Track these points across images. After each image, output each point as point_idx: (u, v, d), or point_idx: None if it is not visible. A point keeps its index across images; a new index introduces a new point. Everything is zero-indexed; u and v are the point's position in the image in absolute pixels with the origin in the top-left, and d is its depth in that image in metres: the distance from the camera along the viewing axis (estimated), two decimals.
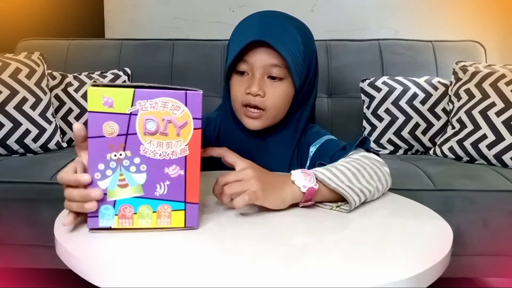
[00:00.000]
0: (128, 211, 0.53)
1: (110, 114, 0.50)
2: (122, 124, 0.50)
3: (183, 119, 0.52)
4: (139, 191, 0.52)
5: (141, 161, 0.52)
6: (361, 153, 0.75)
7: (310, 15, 2.07)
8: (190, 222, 0.55)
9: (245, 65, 0.83)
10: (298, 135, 0.90)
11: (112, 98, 0.50)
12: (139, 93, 0.50)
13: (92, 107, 0.50)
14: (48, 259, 1.22)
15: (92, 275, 0.46)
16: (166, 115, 0.51)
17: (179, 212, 0.54)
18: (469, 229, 1.18)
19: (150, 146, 0.52)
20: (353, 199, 0.65)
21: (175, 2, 2.12)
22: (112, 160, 0.51)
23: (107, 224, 0.53)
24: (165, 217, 0.54)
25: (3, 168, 1.26)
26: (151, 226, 0.54)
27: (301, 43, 0.82)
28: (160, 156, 0.52)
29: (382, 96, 1.55)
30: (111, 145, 0.51)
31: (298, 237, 0.56)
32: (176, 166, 0.53)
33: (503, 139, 1.33)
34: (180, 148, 0.52)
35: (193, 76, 1.74)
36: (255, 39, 0.79)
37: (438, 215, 0.67)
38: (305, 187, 0.64)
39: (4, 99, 1.38)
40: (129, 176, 0.52)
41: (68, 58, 1.77)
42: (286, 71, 0.82)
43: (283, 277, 0.44)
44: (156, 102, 0.51)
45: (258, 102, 0.82)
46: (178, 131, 0.52)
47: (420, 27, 2.03)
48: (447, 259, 0.52)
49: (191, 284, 0.42)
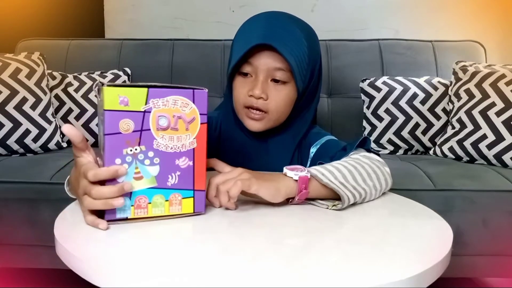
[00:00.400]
0: (143, 202, 0.57)
1: (126, 112, 0.54)
2: (137, 121, 0.54)
3: (191, 115, 0.57)
4: (153, 182, 0.57)
5: (155, 155, 0.56)
6: (362, 153, 0.75)
7: (310, 15, 2.07)
8: (198, 208, 0.59)
9: (249, 67, 0.82)
10: (300, 137, 0.90)
11: (128, 97, 0.53)
12: (152, 92, 0.54)
13: (108, 105, 0.53)
14: (48, 259, 1.22)
15: (92, 275, 0.46)
16: (177, 112, 0.56)
17: (188, 199, 0.59)
18: (469, 229, 1.18)
19: (162, 140, 0.56)
20: (346, 195, 0.65)
21: (175, 2, 2.12)
22: (128, 155, 0.55)
23: (124, 215, 0.56)
24: (176, 204, 0.58)
25: (3, 168, 1.26)
26: (164, 213, 0.58)
27: (306, 46, 0.82)
28: (171, 149, 0.57)
29: (382, 96, 1.55)
30: (127, 141, 0.54)
31: (298, 237, 0.56)
32: (186, 158, 0.57)
33: (503, 139, 1.33)
34: (189, 141, 0.57)
35: (193, 76, 1.74)
36: (260, 43, 0.78)
37: (438, 215, 0.67)
38: (296, 175, 0.64)
39: (4, 99, 1.38)
40: (144, 169, 0.56)
41: (68, 58, 1.77)
42: (290, 74, 0.81)
43: (283, 277, 0.44)
44: (168, 100, 0.55)
45: (261, 105, 0.82)
46: (187, 126, 0.57)
47: (420, 27, 2.03)
48: (447, 259, 0.52)
49: (191, 284, 0.42)
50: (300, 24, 0.85)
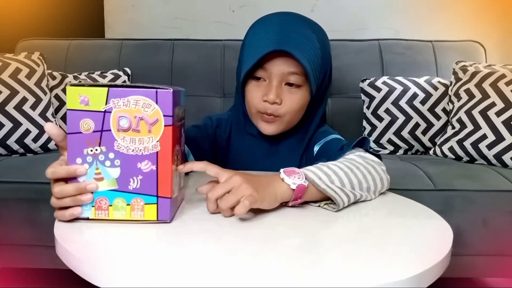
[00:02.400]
0: (104, 203, 0.56)
1: (86, 111, 0.53)
2: (97, 121, 0.54)
3: (154, 117, 0.54)
4: (114, 184, 0.55)
5: (115, 156, 0.55)
6: (357, 152, 0.75)
7: (310, 15, 2.04)
8: (162, 216, 0.57)
9: (262, 71, 0.82)
10: (309, 137, 0.90)
11: (88, 97, 0.53)
12: (113, 92, 0.53)
13: (70, 105, 0.53)
14: (48, 259, 1.22)
15: (92, 275, 0.46)
16: (138, 113, 0.54)
17: (151, 206, 0.56)
18: (469, 229, 1.18)
19: (123, 142, 0.54)
20: (342, 201, 0.65)
21: (175, 2, 2.12)
22: (88, 155, 0.54)
23: (85, 215, 0.56)
24: (138, 210, 0.56)
25: (3, 168, 1.26)
26: (125, 218, 0.56)
27: (319, 49, 0.82)
28: (133, 152, 0.55)
29: (382, 96, 1.55)
30: (88, 141, 0.54)
31: (298, 237, 0.56)
32: (148, 162, 0.55)
33: (503, 139, 1.33)
34: (151, 144, 0.55)
35: (193, 76, 1.74)
36: (275, 49, 0.77)
37: (438, 215, 0.67)
38: (294, 184, 0.63)
39: (4, 99, 1.38)
40: (104, 170, 0.55)
41: (68, 58, 1.77)
42: (303, 78, 0.81)
43: (283, 277, 0.44)
44: (129, 100, 0.53)
45: (274, 110, 0.82)
46: (150, 128, 0.54)
47: (420, 27, 2.03)
48: (447, 259, 0.52)
49: (191, 284, 0.42)
50: (312, 26, 0.84)
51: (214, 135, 0.93)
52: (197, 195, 0.68)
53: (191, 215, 0.61)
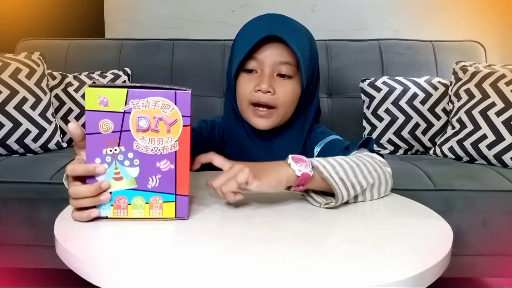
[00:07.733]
0: (122, 202, 0.57)
1: (105, 112, 0.54)
2: (117, 122, 0.55)
3: (173, 117, 0.55)
4: (133, 183, 0.56)
5: (134, 156, 0.56)
6: (365, 152, 0.76)
7: (310, 15, 2.07)
8: (180, 213, 0.58)
9: (254, 62, 0.83)
10: (304, 136, 0.90)
11: (108, 98, 0.54)
12: (132, 93, 0.54)
13: (89, 106, 0.55)
14: (48, 259, 1.22)
15: (92, 275, 0.46)
16: (157, 113, 0.55)
17: (170, 204, 0.57)
18: (469, 229, 1.18)
19: (142, 142, 0.56)
20: (341, 194, 0.65)
21: (175, 2, 2.12)
22: (107, 155, 0.55)
23: (104, 214, 0.57)
24: (157, 208, 0.57)
25: (3, 168, 1.26)
26: (144, 216, 0.57)
27: (308, 44, 0.84)
28: (151, 151, 0.56)
29: (382, 96, 1.55)
30: (107, 141, 0.55)
31: (298, 237, 0.56)
32: (167, 161, 0.56)
33: (503, 139, 1.33)
34: (170, 144, 0.56)
35: (193, 76, 1.74)
36: (267, 34, 0.79)
37: (438, 215, 0.67)
38: (300, 171, 0.63)
39: (4, 99, 1.38)
40: (123, 170, 0.56)
41: (68, 58, 1.77)
42: (294, 69, 0.83)
43: (283, 277, 0.44)
44: (148, 101, 0.55)
45: (268, 100, 0.82)
46: (169, 128, 0.55)
47: (420, 27, 2.03)
48: (447, 259, 0.52)
49: (191, 284, 0.42)
50: (301, 25, 0.87)
51: (209, 137, 0.93)
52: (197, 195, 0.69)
53: (191, 215, 0.61)
